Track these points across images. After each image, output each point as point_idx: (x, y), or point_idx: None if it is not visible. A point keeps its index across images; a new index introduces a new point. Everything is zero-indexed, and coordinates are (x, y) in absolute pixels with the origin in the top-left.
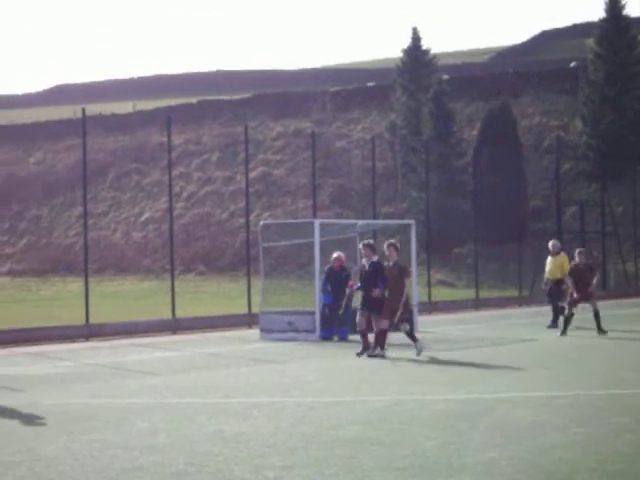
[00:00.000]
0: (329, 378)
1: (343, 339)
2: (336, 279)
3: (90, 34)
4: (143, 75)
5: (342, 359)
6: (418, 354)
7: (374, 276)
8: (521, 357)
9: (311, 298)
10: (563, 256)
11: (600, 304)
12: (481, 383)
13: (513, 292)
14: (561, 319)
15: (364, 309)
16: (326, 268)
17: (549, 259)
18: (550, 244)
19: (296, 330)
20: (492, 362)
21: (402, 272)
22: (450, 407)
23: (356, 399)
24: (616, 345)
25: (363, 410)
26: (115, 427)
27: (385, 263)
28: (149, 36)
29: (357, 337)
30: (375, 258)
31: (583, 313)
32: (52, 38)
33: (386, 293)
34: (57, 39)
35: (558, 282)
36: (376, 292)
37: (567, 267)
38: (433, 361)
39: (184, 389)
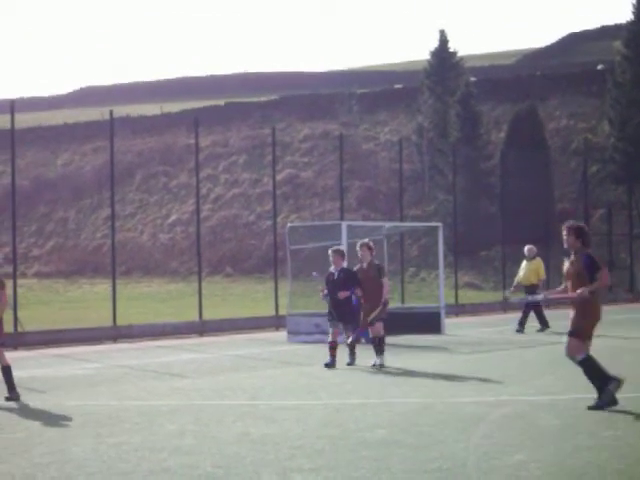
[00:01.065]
0: (356, 380)
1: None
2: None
3: (118, 36)
4: (170, 77)
5: (369, 361)
6: (349, 361)
7: (344, 283)
8: (549, 359)
9: None
10: (538, 261)
11: (628, 307)
12: (509, 385)
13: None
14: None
15: (334, 319)
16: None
17: (524, 263)
18: (526, 249)
19: (323, 332)
20: (520, 365)
21: (380, 272)
22: (478, 410)
23: (383, 401)
24: None
25: (390, 413)
26: (142, 429)
27: (358, 265)
28: (177, 38)
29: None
30: (344, 264)
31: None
32: (79, 40)
33: (360, 296)
34: (84, 41)
35: (532, 287)
36: (341, 294)
37: (542, 272)
38: (460, 363)
39: (211, 391)
